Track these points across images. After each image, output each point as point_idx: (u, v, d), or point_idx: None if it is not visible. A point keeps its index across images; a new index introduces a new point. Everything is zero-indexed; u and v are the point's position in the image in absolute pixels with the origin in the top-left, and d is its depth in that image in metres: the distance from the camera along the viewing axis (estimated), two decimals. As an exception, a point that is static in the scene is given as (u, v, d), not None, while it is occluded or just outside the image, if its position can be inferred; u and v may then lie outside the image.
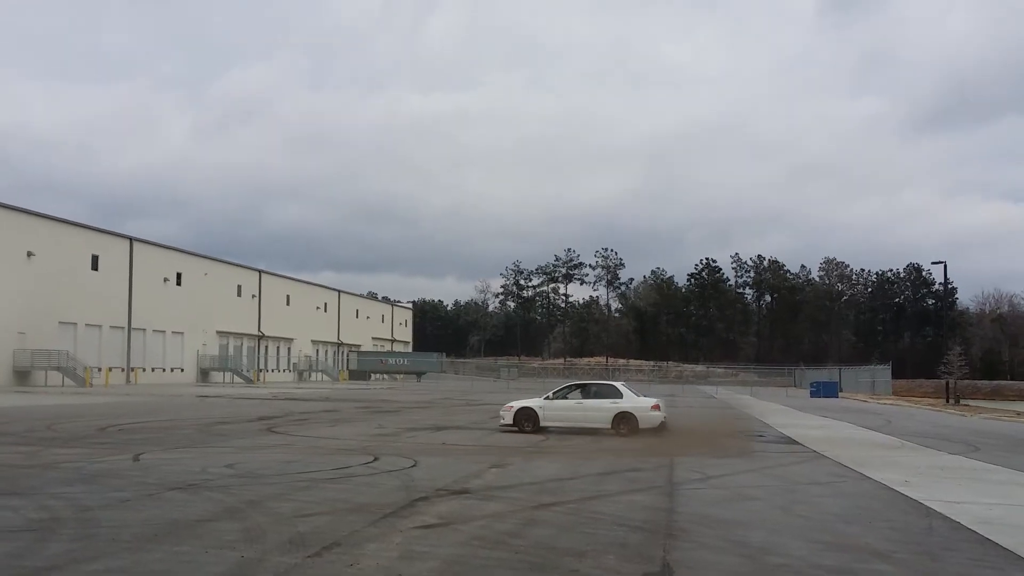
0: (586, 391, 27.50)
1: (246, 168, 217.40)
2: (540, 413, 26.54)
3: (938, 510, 13.07)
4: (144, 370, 75.72)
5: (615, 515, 12.09)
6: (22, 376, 62.37)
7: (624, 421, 25.39)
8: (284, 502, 12.53)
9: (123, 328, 73.88)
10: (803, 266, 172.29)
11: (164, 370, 79.34)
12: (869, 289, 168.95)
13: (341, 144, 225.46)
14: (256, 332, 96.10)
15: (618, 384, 27.73)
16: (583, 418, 26.25)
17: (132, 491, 13.30)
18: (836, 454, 21.81)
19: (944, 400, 64.81)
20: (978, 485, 16.44)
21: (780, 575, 8.79)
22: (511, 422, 26.46)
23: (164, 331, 79.28)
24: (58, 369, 62.56)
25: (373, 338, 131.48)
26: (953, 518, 12.34)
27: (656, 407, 25.75)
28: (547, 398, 27.13)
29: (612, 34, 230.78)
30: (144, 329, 76.40)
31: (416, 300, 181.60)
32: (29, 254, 63.04)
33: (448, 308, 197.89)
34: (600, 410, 25.98)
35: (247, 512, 11.60)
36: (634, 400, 25.99)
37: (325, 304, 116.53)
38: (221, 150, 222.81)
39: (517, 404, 27.14)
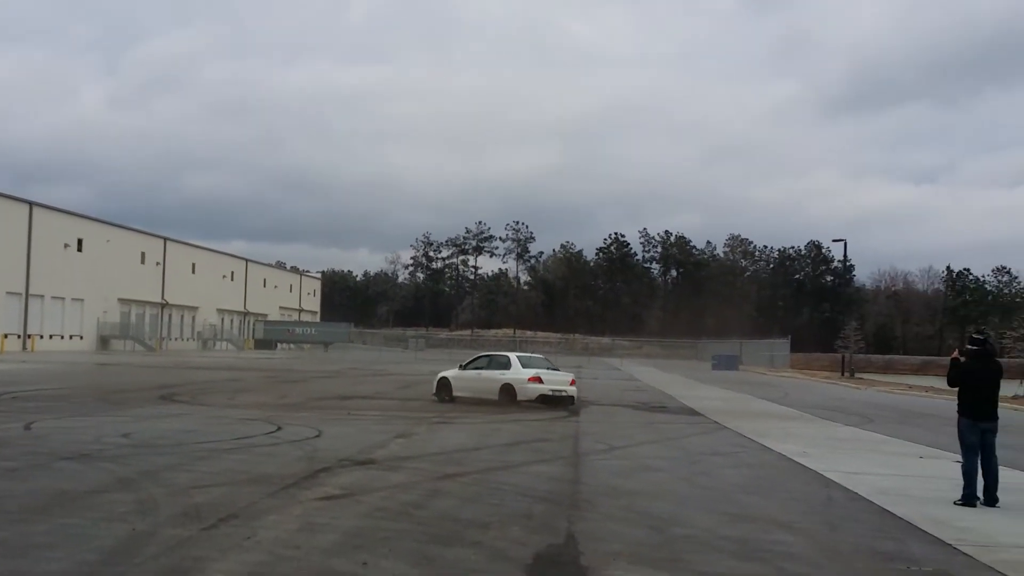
0: (490, 362, 27.79)
1: (163, 136, 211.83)
2: (452, 383, 27.13)
3: (836, 481, 13.32)
4: (42, 337, 73.39)
5: (520, 486, 12.03)
6: (-91, 342, 59.99)
7: (506, 392, 25.82)
8: (181, 473, 12.16)
9: (20, 294, 71.46)
10: (709, 242, 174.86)
11: (63, 337, 77.03)
12: (771, 265, 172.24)
13: (261, 113, 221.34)
14: (160, 300, 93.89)
15: (512, 355, 28.04)
16: (480, 388, 26.66)
17: (21, 460, 12.78)
18: (737, 425, 22.16)
19: (840, 373, 66.57)
20: (873, 456, 16.84)
21: (685, 546, 8.80)
22: (435, 391, 27.36)
23: (64, 298, 76.89)
24: (-52, 335, 60.32)
25: (281, 307, 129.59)
26: (851, 488, 12.58)
27: (535, 379, 25.72)
28: (460, 368, 27.71)
29: (529, 14, 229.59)
30: (42, 296, 73.98)
31: (325, 270, 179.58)
32: (-83, 215, 60.52)
33: (358, 279, 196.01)
34: (491, 380, 26.43)
35: (141, 483, 11.23)
36: (518, 372, 26.18)
37: (232, 273, 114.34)
38: (137, 117, 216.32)
39: (441, 373, 28.04)
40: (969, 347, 11.93)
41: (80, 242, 79.50)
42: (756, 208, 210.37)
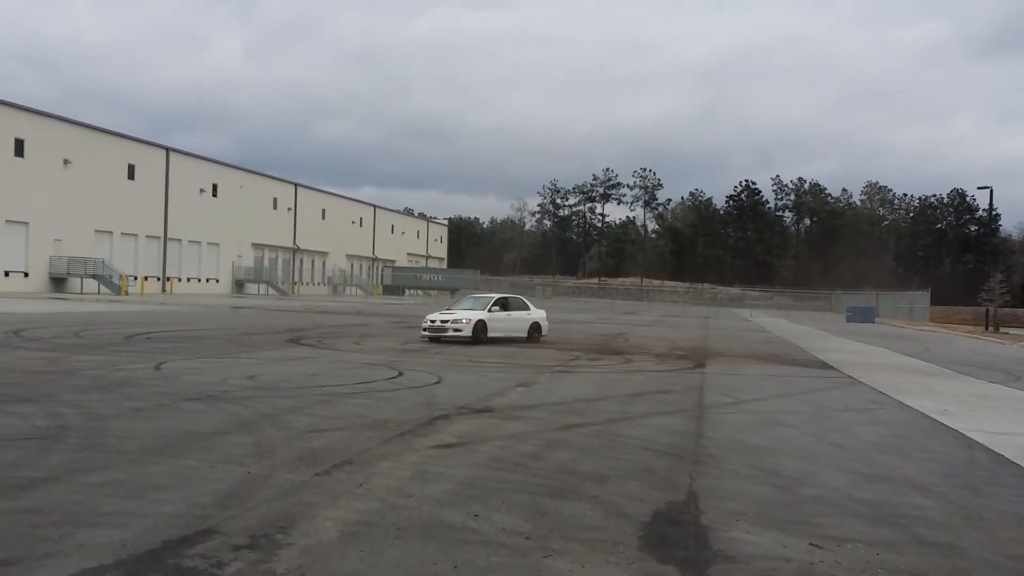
0: (504, 304, 29.64)
1: (295, 85, 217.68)
2: (489, 324, 28.32)
3: (980, 441, 12.51)
4: (180, 280, 76.11)
5: (641, 438, 11.63)
6: (58, 283, 62.81)
7: (535, 329, 29.89)
8: (300, 416, 12.18)
9: (159, 238, 74.08)
10: (845, 190, 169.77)
11: (200, 280, 79.74)
12: (911, 215, 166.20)
13: (390, 61, 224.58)
14: (291, 245, 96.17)
15: (524, 298, 31.62)
16: (513, 328, 29.05)
17: (147, 400, 13.00)
18: (872, 380, 21.25)
19: (983, 327, 63.75)
20: (1020, 415, 15.83)
21: (814, 507, 8.28)
22: (470, 334, 27.47)
23: (200, 242, 79.46)
24: (94, 277, 62.90)
25: (408, 254, 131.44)
26: (996, 450, 11.78)
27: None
28: (490, 311, 28.80)
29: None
30: (180, 240, 76.57)
31: (452, 217, 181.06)
32: (66, 162, 63.02)
33: (484, 226, 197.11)
34: (521, 320, 29.50)
35: (261, 426, 11.25)
36: (538, 312, 30.88)
37: (360, 219, 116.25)
38: (271, 67, 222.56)
39: (472, 315, 28.29)
40: None
41: (215, 187, 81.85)
42: (896, 155, 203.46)
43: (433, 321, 27.95)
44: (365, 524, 7.01)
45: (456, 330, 27.48)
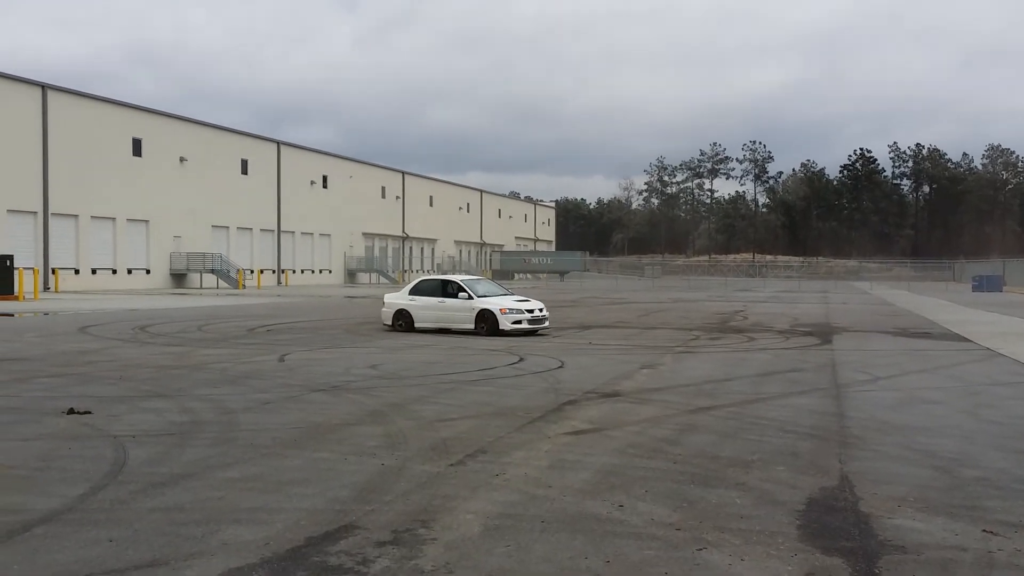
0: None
1: (401, 72, 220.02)
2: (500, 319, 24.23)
3: None
4: (294, 272, 77.53)
5: (780, 420, 11.16)
6: (178, 279, 64.53)
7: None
8: (427, 405, 12.04)
9: (273, 231, 75.51)
10: (965, 154, 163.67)
11: (313, 271, 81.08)
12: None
13: (495, 44, 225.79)
14: (400, 233, 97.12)
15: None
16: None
17: (275, 393, 13.04)
18: (1013, 352, 20.23)
19: (1122, 293, 60.66)
20: None
21: (980, 490, 7.74)
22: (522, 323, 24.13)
23: (312, 233, 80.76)
24: (212, 272, 64.40)
25: (516, 237, 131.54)
26: None
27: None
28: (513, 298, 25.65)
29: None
30: (293, 232, 77.94)
31: (559, 199, 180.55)
32: (181, 159, 64.60)
33: (591, 206, 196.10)
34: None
35: (389, 416, 11.15)
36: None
37: (468, 204, 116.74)
38: (378, 55, 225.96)
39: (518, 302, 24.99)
40: None
41: (325, 179, 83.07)
42: (1019, 115, 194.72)
43: (531, 311, 24.30)
44: (507, 516, 6.77)
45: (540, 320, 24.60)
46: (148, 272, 62.06)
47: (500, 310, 23.84)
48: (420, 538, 6.23)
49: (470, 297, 24.34)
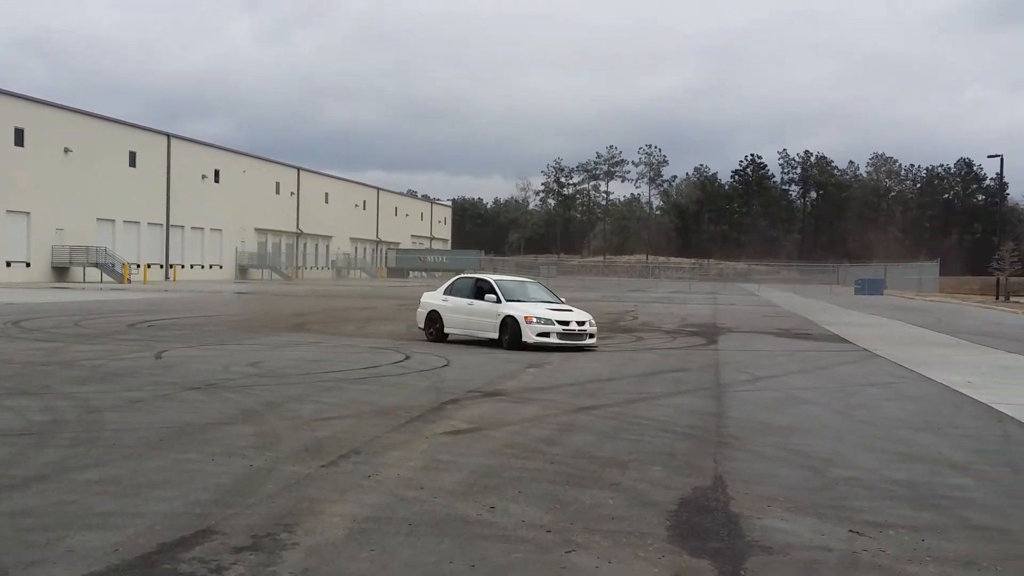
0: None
1: (301, 68, 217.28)
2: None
3: (1011, 415, 12.07)
4: (183, 267, 75.67)
5: (660, 420, 11.20)
6: (60, 272, 62.37)
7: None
8: (305, 404, 11.74)
9: (161, 225, 73.64)
10: (851, 162, 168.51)
11: (203, 267, 79.34)
12: (918, 185, 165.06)
13: (397, 42, 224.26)
14: (294, 229, 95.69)
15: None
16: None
17: (147, 391, 12.56)
18: (889, 353, 20.79)
19: (993, 297, 63.17)
20: (1049, 387, 15.35)
21: (849, 490, 7.83)
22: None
23: (203, 228, 79.00)
24: (96, 265, 62.45)
25: (412, 236, 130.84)
26: (1030, 424, 11.32)
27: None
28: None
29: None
30: (182, 226, 76.13)
31: (456, 198, 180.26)
32: (66, 150, 62.47)
33: (488, 206, 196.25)
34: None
35: (264, 415, 10.82)
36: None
37: (364, 202, 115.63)
38: (278, 51, 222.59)
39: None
40: None
41: (217, 173, 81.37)
42: (903, 126, 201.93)
43: (566, 323, 20.06)
44: (374, 520, 6.57)
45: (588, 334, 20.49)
46: (28, 265, 59.85)
47: (525, 318, 19.81)
48: (281, 543, 5.98)
49: (498, 300, 20.55)
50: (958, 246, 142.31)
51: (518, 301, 20.71)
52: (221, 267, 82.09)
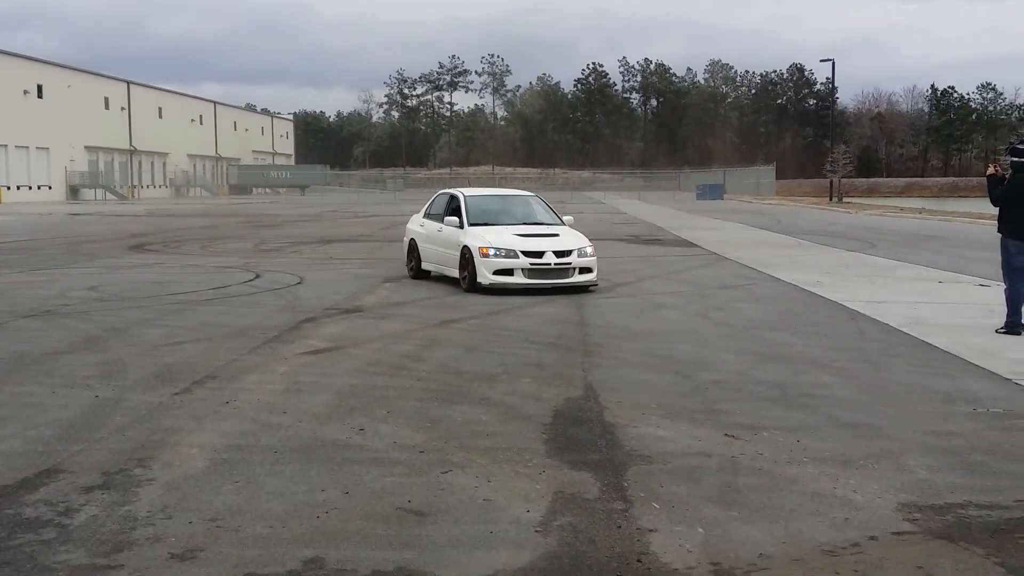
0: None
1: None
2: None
3: (861, 311, 12.40)
4: (9, 188, 71.40)
5: (524, 331, 11.05)
6: None
7: None
8: (152, 329, 11.11)
9: (-20, 145, 69.18)
10: (690, 69, 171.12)
11: (30, 188, 75.06)
12: (753, 91, 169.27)
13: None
14: (127, 147, 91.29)
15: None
16: None
17: (-25, 322, 11.67)
18: (738, 256, 21.24)
19: (827, 199, 65.73)
20: (891, 283, 15.94)
21: (718, 393, 7.84)
22: None
23: (27, 147, 74.51)
24: (-90, 190, 58.40)
25: (253, 151, 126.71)
26: (880, 320, 11.66)
27: None
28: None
29: None
30: (5, 145, 71.64)
31: (298, 111, 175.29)
32: None
33: (331, 120, 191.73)
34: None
35: (108, 342, 10.17)
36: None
37: (201, 116, 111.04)
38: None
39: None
40: (1014, 159, 10.62)
41: (40, 88, 76.55)
42: (738, 33, 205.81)
43: (538, 254, 14.40)
44: (236, 449, 6.18)
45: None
46: None
47: (480, 250, 14.34)
48: (135, 479, 5.54)
49: (460, 225, 15.28)
50: (792, 150, 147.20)
51: (485, 225, 15.22)
52: (51, 188, 77.83)
